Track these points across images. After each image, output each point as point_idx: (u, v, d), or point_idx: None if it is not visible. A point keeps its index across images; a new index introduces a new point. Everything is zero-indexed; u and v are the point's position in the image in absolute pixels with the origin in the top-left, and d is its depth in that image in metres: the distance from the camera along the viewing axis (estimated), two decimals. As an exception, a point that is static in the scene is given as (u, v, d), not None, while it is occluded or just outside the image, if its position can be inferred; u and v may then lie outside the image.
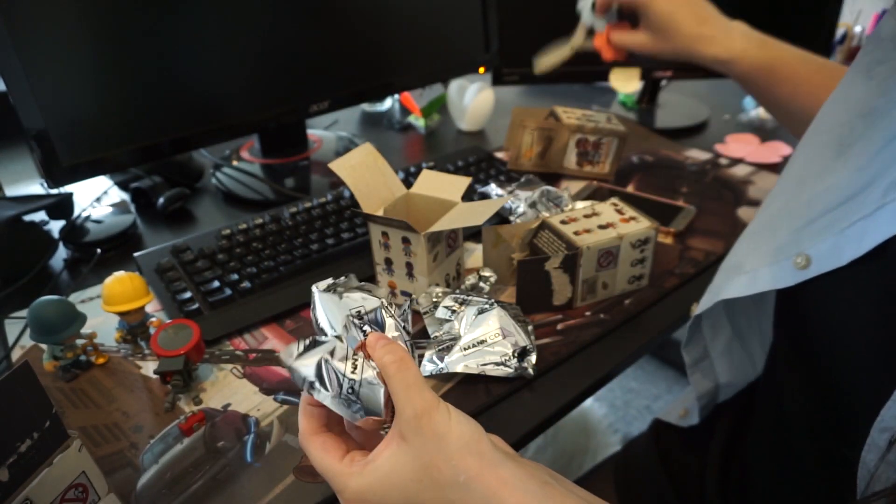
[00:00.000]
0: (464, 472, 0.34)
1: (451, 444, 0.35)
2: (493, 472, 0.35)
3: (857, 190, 0.44)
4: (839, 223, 0.44)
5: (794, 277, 0.47)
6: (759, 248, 0.52)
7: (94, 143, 0.71)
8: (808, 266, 0.46)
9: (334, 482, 0.38)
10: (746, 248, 0.54)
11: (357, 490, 0.37)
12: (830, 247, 0.44)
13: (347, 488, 0.37)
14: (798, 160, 0.52)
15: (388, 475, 0.36)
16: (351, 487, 0.37)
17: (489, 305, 0.58)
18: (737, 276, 0.52)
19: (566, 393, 0.56)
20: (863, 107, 0.47)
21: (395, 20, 0.90)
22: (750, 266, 0.51)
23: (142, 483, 0.48)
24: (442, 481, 0.35)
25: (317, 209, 0.77)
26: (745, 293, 0.51)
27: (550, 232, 0.65)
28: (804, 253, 0.46)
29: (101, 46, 0.69)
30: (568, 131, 0.88)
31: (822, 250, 0.45)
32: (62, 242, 0.79)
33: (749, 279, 0.51)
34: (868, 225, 0.42)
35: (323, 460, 0.38)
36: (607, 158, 0.89)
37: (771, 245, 0.50)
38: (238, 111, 0.82)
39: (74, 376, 0.59)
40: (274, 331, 0.64)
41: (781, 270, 0.48)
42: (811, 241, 0.46)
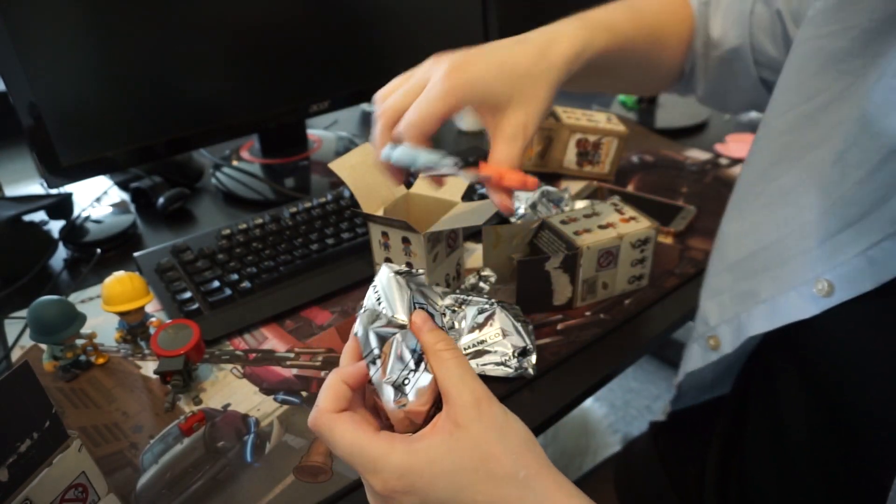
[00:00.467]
0: (524, 467, 0.33)
1: (513, 437, 0.34)
2: (550, 473, 0.34)
3: (869, 207, 0.41)
4: (859, 243, 0.42)
5: (816, 306, 0.44)
6: (771, 269, 0.48)
7: (94, 143, 0.71)
8: (832, 293, 0.43)
9: (371, 459, 0.34)
10: (753, 267, 0.50)
11: (401, 467, 0.33)
12: (852, 271, 0.42)
13: (390, 465, 0.33)
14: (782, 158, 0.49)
15: (439, 459, 0.33)
16: (394, 463, 0.33)
17: (489, 305, 0.58)
18: (755, 307, 0.49)
19: (566, 393, 0.56)
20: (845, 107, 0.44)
21: (396, 20, 0.90)
22: (767, 293, 0.48)
23: (142, 483, 0.48)
24: (500, 474, 0.33)
25: (317, 209, 0.77)
26: (771, 327, 0.48)
27: (550, 232, 0.65)
28: (824, 278, 0.43)
29: (100, 46, 0.69)
30: (568, 131, 0.88)
31: (843, 274, 0.42)
32: (62, 242, 0.79)
33: (770, 309, 0.48)
34: (893, 246, 0.39)
35: (356, 437, 0.34)
36: (607, 158, 0.89)
37: (784, 268, 0.47)
38: (238, 111, 0.82)
39: (74, 376, 0.59)
40: (274, 331, 0.64)
41: (802, 298, 0.45)
42: (830, 264, 0.43)
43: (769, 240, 0.49)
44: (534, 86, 0.45)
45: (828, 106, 0.46)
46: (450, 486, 0.33)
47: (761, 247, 0.50)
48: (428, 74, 0.44)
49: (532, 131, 0.45)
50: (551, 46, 0.49)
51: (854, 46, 0.44)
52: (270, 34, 0.80)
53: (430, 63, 0.46)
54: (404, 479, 0.33)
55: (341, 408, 0.36)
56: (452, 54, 0.45)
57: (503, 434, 0.33)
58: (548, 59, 0.48)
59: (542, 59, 0.47)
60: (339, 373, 0.37)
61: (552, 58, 0.48)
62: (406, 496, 0.33)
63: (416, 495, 0.33)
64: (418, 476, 0.33)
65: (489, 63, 0.43)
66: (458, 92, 0.40)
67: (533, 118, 0.44)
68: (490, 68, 0.43)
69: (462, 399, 0.34)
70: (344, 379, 0.37)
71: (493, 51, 0.45)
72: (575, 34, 0.51)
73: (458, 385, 0.34)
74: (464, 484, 0.32)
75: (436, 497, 0.33)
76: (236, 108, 0.81)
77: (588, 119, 0.90)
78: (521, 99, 0.44)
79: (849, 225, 0.43)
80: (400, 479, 0.33)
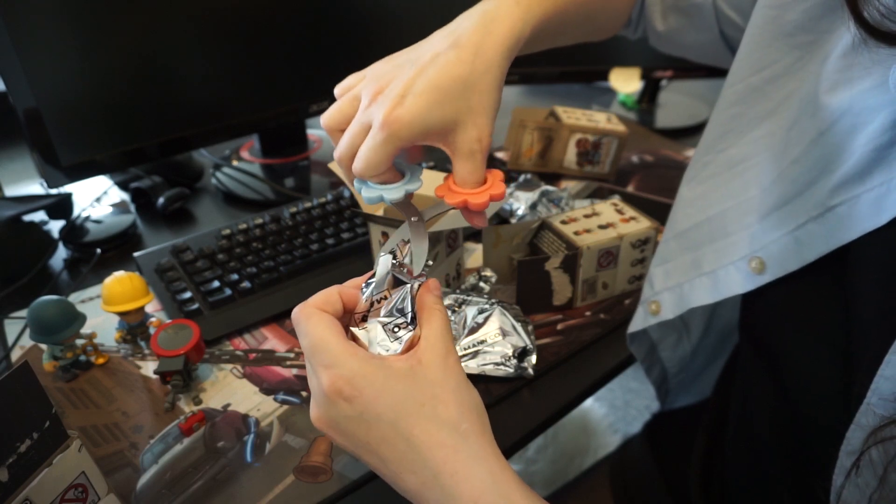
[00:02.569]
0: (468, 422, 0.34)
1: (466, 395, 0.35)
2: (488, 438, 0.35)
3: (803, 186, 0.42)
4: (788, 223, 0.42)
5: (751, 282, 0.45)
6: (715, 241, 0.49)
7: (94, 143, 0.71)
8: (763, 271, 0.44)
9: (333, 354, 0.34)
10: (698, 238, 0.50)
11: (356, 371, 0.33)
12: (782, 250, 0.43)
13: (346, 364, 0.34)
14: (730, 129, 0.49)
15: (393, 380, 0.34)
16: (351, 365, 0.34)
17: (489, 305, 0.58)
18: (699, 278, 0.50)
19: (566, 393, 0.56)
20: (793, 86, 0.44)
21: (396, 20, 0.90)
22: (709, 266, 0.49)
23: (142, 483, 0.48)
24: (444, 418, 0.33)
25: (317, 209, 0.77)
26: (712, 300, 0.48)
27: (550, 232, 0.65)
28: (757, 256, 0.44)
29: (100, 46, 0.69)
30: (568, 131, 0.88)
31: (774, 253, 0.43)
32: (62, 242, 0.79)
33: (711, 283, 0.48)
34: (817, 228, 0.40)
35: (328, 333, 0.35)
36: (607, 158, 0.89)
37: (726, 241, 0.47)
38: (238, 111, 0.82)
39: (74, 376, 0.59)
40: (274, 331, 0.64)
41: (739, 273, 0.46)
42: (763, 242, 0.44)
43: (713, 211, 0.49)
44: (477, 96, 0.42)
45: (777, 79, 0.46)
46: (393, 408, 0.33)
47: (706, 217, 0.50)
48: (369, 117, 0.39)
49: (487, 140, 0.42)
50: (485, 41, 0.44)
51: (805, 20, 0.44)
52: (270, 34, 0.80)
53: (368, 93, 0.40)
54: (353, 382, 0.33)
55: (325, 311, 0.37)
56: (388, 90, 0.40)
57: (459, 388, 0.35)
58: (485, 59, 0.43)
59: (479, 61, 0.43)
60: (338, 287, 0.38)
61: (489, 54, 0.43)
62: (347, 403, 0.33)
63: (356, 404, 0.33)
64: (368, 385, 0.33)
65: (425, 93, 0.39)
66: (399, 137, 0.38)
67: (485, 128, 0.41)
68: (428, 100, 0.39)
69: (435, 347, 0.35)
70: (340, 292, 0.38)
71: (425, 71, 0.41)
72: (509, 14, 0.46)
73: (436, 336, 0.36)
74: (407, 412, 0.33)
75: (374, 414, 0.33)
76: (236, 108, 0.81)
77: (588, 119, 0.90)
78: (467, 115, 0.41)
79: (785, 203, 0.43)
80: (350, 381, 0.33)
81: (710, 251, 0.49)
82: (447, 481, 0.32)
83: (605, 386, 0.60)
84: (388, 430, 0.33)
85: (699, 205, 0.51)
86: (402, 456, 0.33)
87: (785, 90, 0.45)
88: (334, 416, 0.34)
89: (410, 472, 0.33)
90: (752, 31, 0.48)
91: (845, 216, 0.39)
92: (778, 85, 0.46)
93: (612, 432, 1.35)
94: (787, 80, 0.45)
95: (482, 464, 0.33)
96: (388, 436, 0.33)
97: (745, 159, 0.48)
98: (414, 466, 0.33)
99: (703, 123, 1.11)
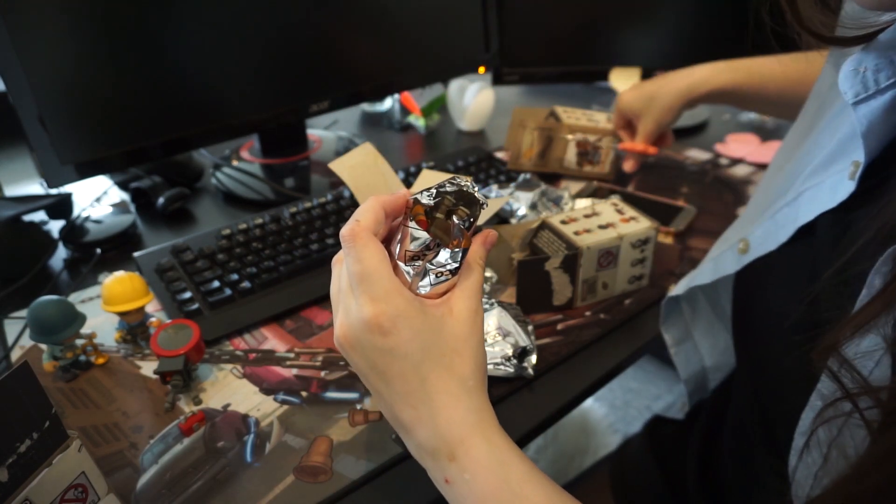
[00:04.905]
0: (475, 380, 0.37)
1: (481, 357, 0.38)
2: (486, 395, 0.38)
3: (793, 177, 0.46)
4: (772, 208, 0.47)
5: (737, 262, 0.49)
6: (727, 235, 0.56)
7: (94, 143, 0.71)
8: (748, 251, 0.48)
9: (384, 289, 0.36)
10: (722, 237, 0.58)
11: (401, 308, 0.36)
12: (764, 232, 0.47)
13: (395, 300, 0.36)
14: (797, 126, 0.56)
15: (428, 325, 0.36)
16: (398, 303, 0.36)
17: (489, 305, 0.58)
18: (705, 263, 0.55)
19: (566, 393, 0.56)
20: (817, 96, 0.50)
21: (396, 20, 0.90)
22: (713, 252, 0.55)
23: (142, 483, 0.48)
24: (458, 371, 0.37)
25: (317, 209, 0.77)
26: (710, 279, 0.54)
27: (550, 232, 0.65)
28: (744, 238, 0.49)
29: (101, 46, 0.69)
30: (568, 131, 0.88)
31: (757, 235, 0.48)
32: (62, 242, 0.79)
33: (713, 265, 0.54)
34: (790, 211, 0.44)
35: (383, 265, 0.36)
36: (607, 158, 0.89)
37: (734, 230, 0.54)
38: (238, 111, 0.82)
39: (74, 376, 0.59)
40: (274, 331, 0.64)
41: (729, 255, 0.51)
42: (751, 226, 0.49)
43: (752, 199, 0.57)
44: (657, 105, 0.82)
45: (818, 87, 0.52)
46: (420, 350, 0.36)
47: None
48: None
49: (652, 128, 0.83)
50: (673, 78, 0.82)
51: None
52: (271, 34, 0.80)
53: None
54: (395, 320, 0.36)
55: (376, 232, 0.38)
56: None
57: (477, 347, 0.38)
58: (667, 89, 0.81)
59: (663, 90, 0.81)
60: (380, 199, 0.39)
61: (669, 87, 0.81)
62: (382, 336, 0.36)
63: (390, 339, 0.36)
64: (407, 326, 0.36)
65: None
66: None
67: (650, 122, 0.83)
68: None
69: (469, 302, 0.38)
70: (383, 205, 0.39)
71: None
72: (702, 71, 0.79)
73: (471, 291, 0.38)
74: (431, 357, 0.36)
75: (403, 352, 0.36)
76: (236, 108, 0.81)
77: (588, 119, 0.90)
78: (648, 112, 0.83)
79: (780, 196, 0.47)
80: (392, 318, 0.36)
81: (722, 240, 0.57)
82: (441, 422, 0.36)
83: (605, 386, 0.60)
84: (408, 368, 0.36)
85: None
86: (411, 391, 0.36)
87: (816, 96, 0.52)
88: (364, 342, 0.36)
89: (412, 406, 0.36)
90: None
91: (809, 199, 0.43)
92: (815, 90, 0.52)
93: (611, 432, 1.35)
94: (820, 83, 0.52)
95: (475, 414, 0.37)
96: (407, 372, 0.36)
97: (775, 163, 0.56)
98: (417, 402, 0.36)
99: (703, 123, 1.11)
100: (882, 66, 0.37)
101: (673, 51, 1.05)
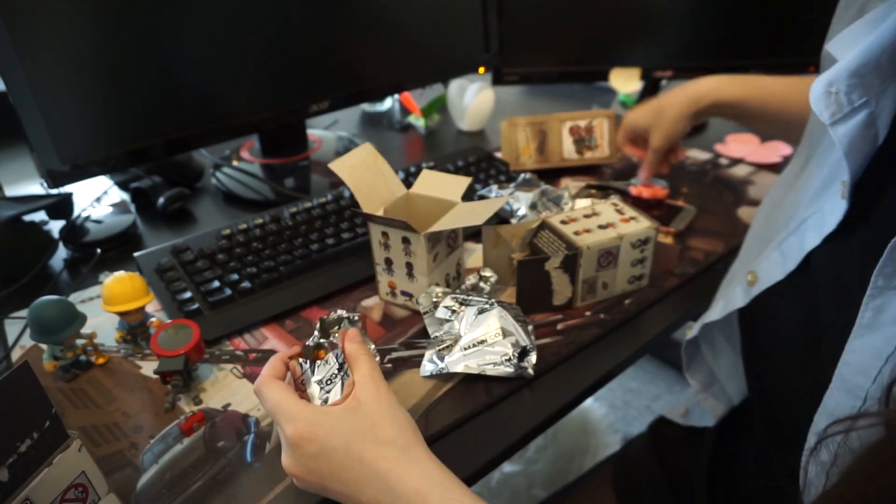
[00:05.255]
0: (403, 438, 0.42)
1: (399, 417, 0.43)
2: (423, 447, 0.42)
3: (794, 206, 0.46)
4: (776, 239, 0.47)
5: (746, 295, 0.50)
6: (733, 271, 0.56)
7: (94, 144, 0.71)
8: (756, 282, 0.48)
9: (291, 411, 0.42)
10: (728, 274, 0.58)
11: (311, 419, 0.42)
12: (771, 263, 0.47)
13: (302, 415, 0.42)
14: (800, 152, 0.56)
15: (340, 420, 0.42)
16: (306, 415, 0.42)
17: (489, 305, 0.58)
18: (715, 302, 0.56)
19: (566, 393, 0.56)
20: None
21: (396, 20, 0.90)
22: (722, 290, 0.55)
23: (142, 483, 0.48)
24: (384, 439, 0.41)
25: (317, 209, 0.77)
26: (721, 315, 0.54)
27: (550, 232, 0.65)
28: (753, 270, 0.49)
29: (101, 46, 0.69)
30: (558, 121, 0.89)
31: (765, 267, 0.48)
32: (62, 242, 0.79)
33: (723, 302, 0.54)
34: (795, 240, 0.45)
35: (284, 395, 0.43)
36: (603, 140, 0.90)
37: (737, 267, 0.54)
38: (238, 111, 0.82)
39: (74, 376, 0.59)
40: (274, 331, 0.64)
41: (738, 289, 0.51)
42: (757, 258, 0.49)
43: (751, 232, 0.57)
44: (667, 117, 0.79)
45: None
46: (343, 440, 0.41)
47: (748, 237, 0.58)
48: None
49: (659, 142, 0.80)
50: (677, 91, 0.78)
51: None
52: (271, 34, 0.80)
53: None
54: (311, 427, 0.41)
55: (277, 377, 0.46)
56: None
57: (392, 413, 0.43)
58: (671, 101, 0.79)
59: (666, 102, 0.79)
60: (280, 355, 0.48)
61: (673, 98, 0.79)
62: (309, 444, 0.41)
63: (315, 444, 0.41)
64: (321, 427, 0.41)
65: None
66: None
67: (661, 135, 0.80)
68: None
69: (367, 386, 0.44)
70: (282, 359, 0.48)
71: None
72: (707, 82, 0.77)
73: (366, 377, 0.44)
74: (355, 440, 0.41)
75: (330, 447, 0.41)
76: (236, 108, 0.81)
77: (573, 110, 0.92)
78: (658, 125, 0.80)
79: (784, 227, 0.48)
80: (308, 426, 0.41)
81: (728, 277, 0.58)
82: (394, 484, 0.40)
83: (605, 386, 0.60)
84: (343, 457, 0.41)
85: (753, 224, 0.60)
86: (358, 475, 0.41)
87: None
88: (300, 458, 0.42)
89: (367, 485, 0.40)
90: None
91: (812, 226, 0.43)
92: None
93: (611, 432, 1.35)
94: None
95: (418, 464, 0.41)
96: (344, 461, 0.41)
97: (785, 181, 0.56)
98: (368, 480, 0.40)
99: (702, 124, 1.11)
100: (854, 86, 0.38)
101: (673, 51, 1.06)
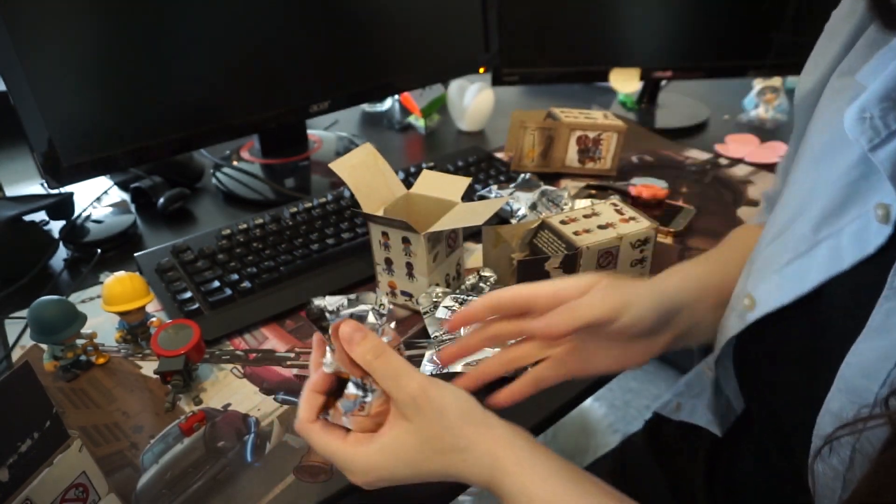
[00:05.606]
0: (464, 438, 0.39)
1: (450, 415, 0.40)
2: (488, 433, 0.40)
3: (788, 221, 0.44)
4: (777, 260, 0.44)
5: (741, 322, 0.47)
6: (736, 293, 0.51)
7: (95, 144, 0.71)
8: (754, 308, 0.46)
9: (342, 460, 0.40)
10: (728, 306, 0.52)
11: (365, 467, 0.40)
12: (772, 287, 0.44)
13: (356, 467, 0.40)
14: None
15: (395, 450, 0.40)
16: (359, 465, 0.40)
17: (489, 305, 0.58)
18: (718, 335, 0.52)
19: (566, 393, 0.56)
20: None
21: (395, 20, 0.90)
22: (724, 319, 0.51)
23: (142, 483, 0.48)
24: (444, 449, 0.39)
25: (317, 209, 0.77)
26: (717, 346, 0.51)
27: (550, 232, 0.65)
28: (750, 294, 0.46)
29: (101, 47, 0.69)
30: (568, 129, 0.88)
31: (764, 291, 0.45)
32: (62, 242, 0.79)
33: (721, 334, 0.51)
34: (805, 264, 0.42)
35: (329, 442, 0.41)
36: (608, 154, 0.89)
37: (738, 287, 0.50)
38: (238, 111, 0.82)
39: (74, 376, 0.59)
40: (274, 331, 0.64)
41: (733, 317, 0.48)
42: (755, 281, 0.46)
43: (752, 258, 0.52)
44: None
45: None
46: (407, 467, 0.40)
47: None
48: None
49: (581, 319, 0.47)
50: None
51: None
52: (271, 35, 0.80)
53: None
54: (370, 474, 0.40)
55: (315, 415, 0.42)
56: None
57: (441, 416, 0.39)
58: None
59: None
60: (310, 384, 0.43)
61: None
62: (378, 482, 0.40)
63: (384, 480, 0.40)
64: (381, 469, 0.40)
65: None
66: None
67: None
68: None
69: (400, 398, 0.40)
70: (314, 389, 0.42)
71: None
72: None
73: (392, 388, 0.40)
74: (417, 462, 0.40)
75: (401, 476, 0.40)
76: (236, 108, 0.81)
77: (585, 117, 0.90)
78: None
79: (773, 240, 0.46)
80: (366, 475, 0.40)
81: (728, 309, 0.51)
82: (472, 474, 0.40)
83: (604, 386, 0.60)
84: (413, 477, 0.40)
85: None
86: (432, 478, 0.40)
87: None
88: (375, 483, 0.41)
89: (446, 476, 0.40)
90: None
91: (831, 248, 0.41)
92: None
93: (611, 432, 1.35)
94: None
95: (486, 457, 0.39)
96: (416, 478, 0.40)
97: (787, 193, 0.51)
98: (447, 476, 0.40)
99: (702, 124, 1.11)
100: (888, 110, 0.38)
101: (673, 51, 1.06)
